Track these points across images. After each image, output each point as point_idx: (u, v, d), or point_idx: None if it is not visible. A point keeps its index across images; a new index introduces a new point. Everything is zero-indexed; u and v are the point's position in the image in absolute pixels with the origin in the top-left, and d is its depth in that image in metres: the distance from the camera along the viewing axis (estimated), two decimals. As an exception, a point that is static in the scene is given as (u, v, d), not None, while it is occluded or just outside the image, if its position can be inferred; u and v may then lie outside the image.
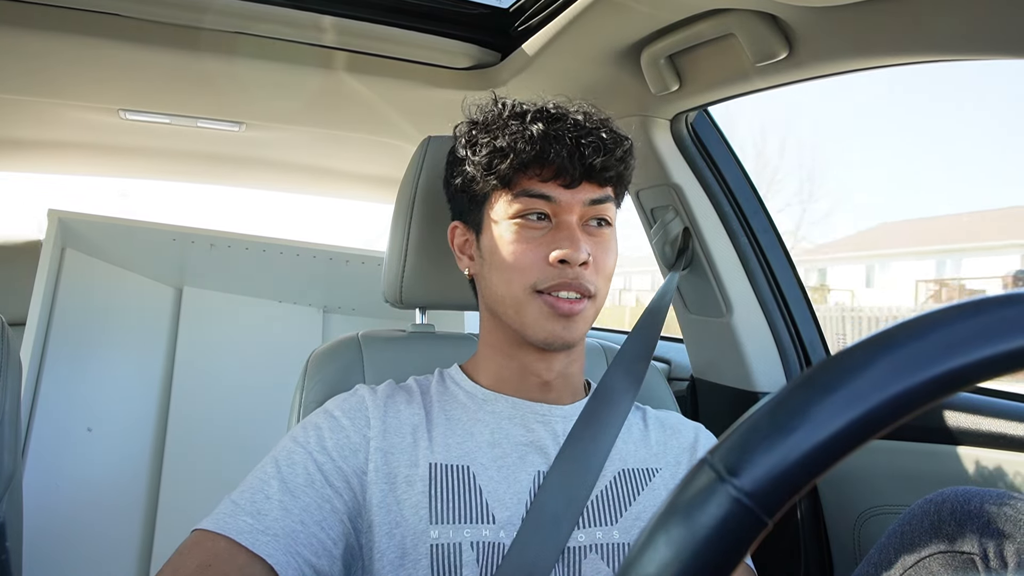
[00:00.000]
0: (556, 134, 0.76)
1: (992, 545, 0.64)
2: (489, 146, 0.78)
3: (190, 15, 1.10)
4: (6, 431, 0.94)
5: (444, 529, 0.72)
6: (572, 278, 0.75)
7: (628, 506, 0.79)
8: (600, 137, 0.78)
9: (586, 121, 0.79)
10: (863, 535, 1.10)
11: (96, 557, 1.75)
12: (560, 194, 0.77)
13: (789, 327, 1.28)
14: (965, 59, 0.79)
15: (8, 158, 1.88)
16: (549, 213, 0.77)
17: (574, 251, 0.74)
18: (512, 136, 0.77)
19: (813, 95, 30.86)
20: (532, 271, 0.76)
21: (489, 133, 0.79)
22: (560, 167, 0.76)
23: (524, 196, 0.77)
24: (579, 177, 0.77)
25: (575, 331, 0.78)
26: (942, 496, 0.69)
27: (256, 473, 0.72)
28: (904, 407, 0.25)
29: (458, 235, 0.87)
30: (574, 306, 0.76)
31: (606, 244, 0.80)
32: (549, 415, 0.81)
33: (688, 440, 0.87)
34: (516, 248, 0.77)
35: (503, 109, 0.81)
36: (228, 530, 0.66)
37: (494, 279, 0.80)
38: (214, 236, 1.84)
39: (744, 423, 0.26)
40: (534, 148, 0.75)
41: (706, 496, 0.25)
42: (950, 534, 0.66)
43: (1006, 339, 0.25)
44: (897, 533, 0.71)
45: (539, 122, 0.77)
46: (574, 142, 0.76)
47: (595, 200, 0.78)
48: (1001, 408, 0.98)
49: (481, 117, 0.82)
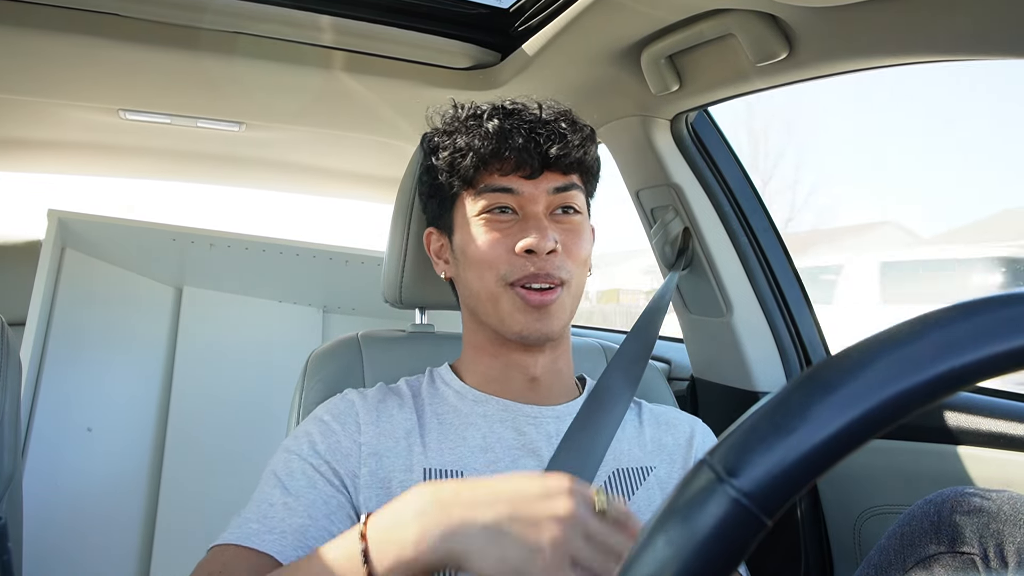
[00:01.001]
0: (512, 127, 0.78)
1: (992, 545, 0.64)
2: (449, 147, 0.81)
3: (190, 15, 1.10)
4: (6, 431, 0.94)
5: None
6: (541, 267, 0.76)
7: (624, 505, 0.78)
8: (557, 126, 0.79)
9: (542, 113, 0.81)
10: (863, 535, 1.10)
11: (96, 557, 1.75)
12: (522, 186, 0.78)
13: (789, 327, 1.27)
14: (966, 59, 0.79)
15: (8, 158, 1.88)
16: (514, 206, 0.79)
17: (540, 239, 0.75)
18: (470, 135, 0.79)
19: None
20: (501, 263, 0.77)
21: (449, 136, 0.82)
22: (519, 160, 0.77)
23: (487, 192, 0.79)
24: (539, 167, 0.78)
25: (551, 323, 0.78)
26: (942, 496, 0.69)
27: (258, 490, 0.73)
28: (903, 407, 0.25)
29: (433, 241, 0.88)
30: (545, 297, 0.77)
31: (576, 231, 0.81)
32: (540, 416, 0.81)
33: (684, 435, 0.87)
34: (485, 242, 0.78)
35: (460, 111, 0.84)
36: (237, 538, 0.67)
37: (469, 277, 0.81)
38: (214, 236, 1.84)
39: (743, 424, 0.26)
40: (491, 143, 0.77)
41: (705, 497, 0.25)
42: (950, 534, 0.66)
43: (1005, 339, 0.25)
44: (897, 534, 0.71)
45: (494, 118, 0.79)
46: (530, 133, 0.78)
47: (559, 188, 0.80)
48: (1001, 408, 0.97)
49: (442, 123, 0.85)
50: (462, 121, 0.82)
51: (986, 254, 5.07)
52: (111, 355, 1.86)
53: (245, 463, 1.86)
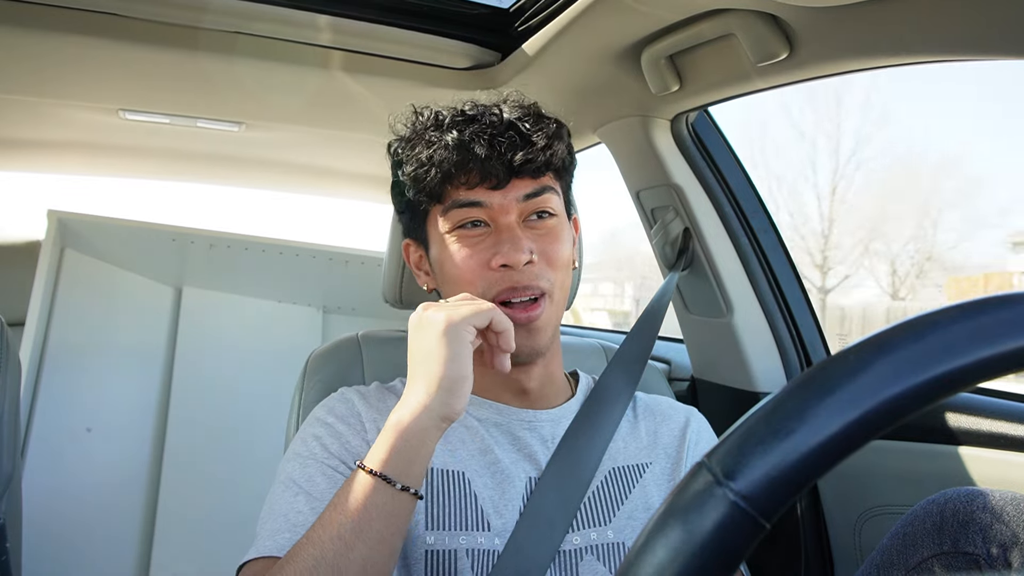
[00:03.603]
0: (472, 137, 0.74)
1: (995, 546, 0.63)
2: (414, 161, 0.76)
3: (190, 15, 1.10)
4: (5, 431, 0.94)
5: (440, 535, 0.72)
6: (518, 280, 0.73)
7: (620, 505, 0.78)
8: (519, 130, 0.75)
9: (503, 115, 0.76)
10: (863, 535, 1.10)
11: (96, 557, 1.75)
12: (490, 197, 0.75)
13: (789, 327, 1.27)
14: (966, 59, 0.79)
15: (8, 158, 1.88)
16: (485, 219, 0.75)
17: (515, 253, 0.72)
18: (431, 147, 0.75)
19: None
20: (478, 281, 0.74)
21: (412, 147, 0.77)
22: (483, 171, 0.74)
23: (455, 208, 0.75)
24: (505, 176, 0.74)
25: (538, 338, 0.76)
26: (945, 497, 0.68)
27: (278, 499, 0.71)
28: (900, 410, 0.25)
29: (412, 252, 0.86)
30: (531, 312, 0.74)
31: (553, 235, 0.77)
32: (535, 420, 0.80)
33: (679, 425, 0.86)
34: (459, 260, 0.75)
35: (422, 119, 0.79)
36: (270, 550, 0.66)
37: (449, 294, 0.77)
38: (214, 236, 1.84)
39: (740, 427, 0.26)
40: (453, 156, 0.73)
41: (703, 500, 0.25)
42: (953, 535, 0.66)
43: (1002, 341, 0.25)
44: (900, 534, 0.70)
45: (453, 129, 0.75)
46: (490, 142, 0.73)
47: (529, 195, 0.76)
48: (1001, 408, 0.97)
49: (407, 131, 0.80)
50: (421, 132, 0.77)
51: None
52: (111, 355, 1.86)
53: (245, 463, 1.86)
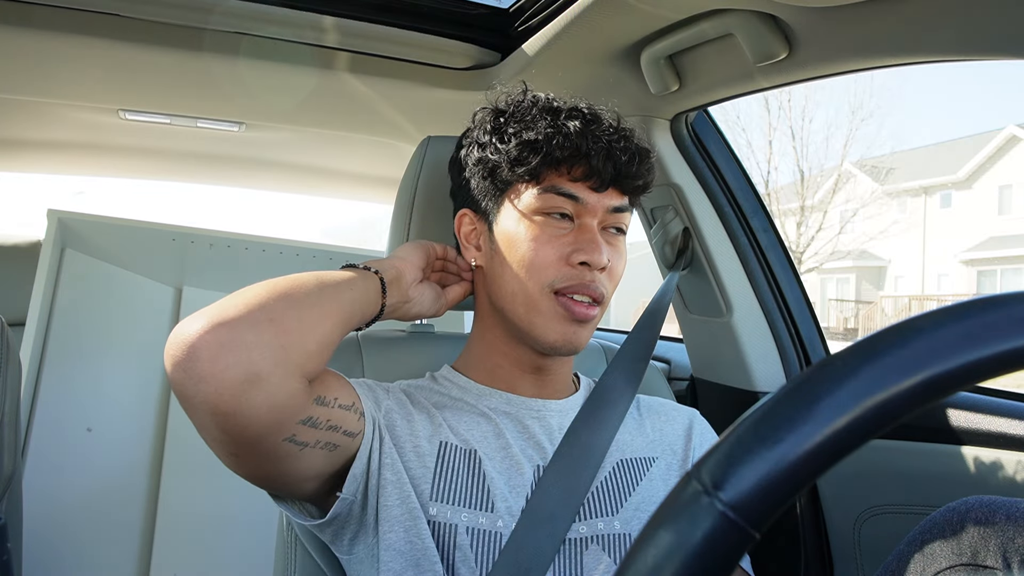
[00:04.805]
0: (593, 135, 0.75)
1: (1016, 560, 0.60)
2: (519, 137, 0.76)
3: (191, 15, 1.10)
4: (6, 431, 0.94)
5: (442, 508, 0.72)
6: (590, 281, 0.75)
7: (628, 496, 0.79)
8: (633, 144, 0.77)
9: (619, 124, 0.78)
10: (863, 535, 1.10)
11: (96, 557, 1.75)
12: (588, 196, 0.76)
13: (789, 327, 1.27)
14: (965, 59, 0.79)
15: (8, 158, 1.88)
16: (572, 214, 0.77)
17: (598, 255, 0.74)
18: (546, 131, 0.75)
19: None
20: (550, 270, 0.75)
21: (520, 124, 0.77)
22: (593, 168, 0.75)
23: (551, 193, 0.76)
24: (608, 181, 0.76)
25: (584, 336, 0.78)
26: (966, 505, 0.65)
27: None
28: (888, 415, 0.24)
29: (466, 223, 0.85)
30: (589, 311, 0.76)
31: (620, 251, 0.80)
32: (544, 410, 0.82)
33: (683, 425, 0.87)
34: (536, 245, 0.76)
35: (535, 102, 0.80)
36: None
37: (506, 274, 0.78)
38: (214, 236, 1.84)
39: (728, 436, 0.26)
40: (570, 146, 0.74)
41: (692, 511, 0.25)
42: (972, 546, 0.63)
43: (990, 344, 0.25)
44: (918, 540, 0.67)
45: (575, 120, 0.75)
46: (609, 145, 0.75)
47: (617, 208, 0.78)
48: (1001, 408, 0.97)
49: (510, 107, 0.80)
50: (537, 112, 0.78)
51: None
52: (111, 355, 1.86)
53: (245, 463, 1.85)
